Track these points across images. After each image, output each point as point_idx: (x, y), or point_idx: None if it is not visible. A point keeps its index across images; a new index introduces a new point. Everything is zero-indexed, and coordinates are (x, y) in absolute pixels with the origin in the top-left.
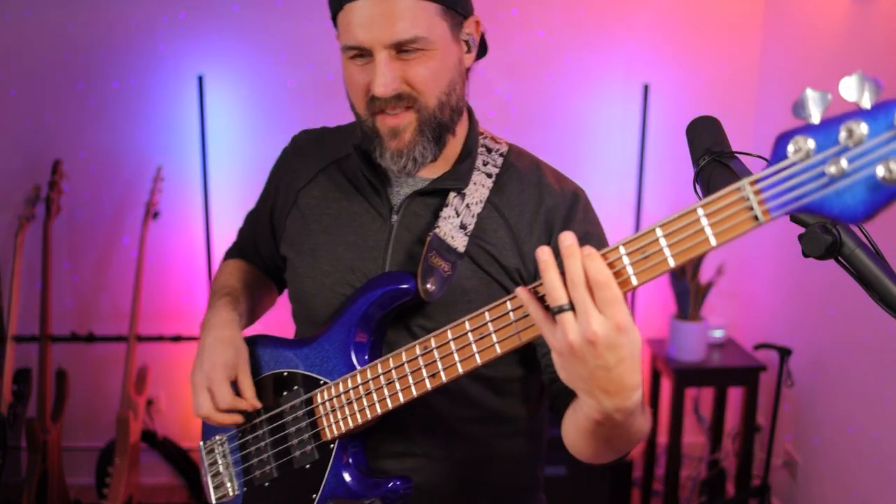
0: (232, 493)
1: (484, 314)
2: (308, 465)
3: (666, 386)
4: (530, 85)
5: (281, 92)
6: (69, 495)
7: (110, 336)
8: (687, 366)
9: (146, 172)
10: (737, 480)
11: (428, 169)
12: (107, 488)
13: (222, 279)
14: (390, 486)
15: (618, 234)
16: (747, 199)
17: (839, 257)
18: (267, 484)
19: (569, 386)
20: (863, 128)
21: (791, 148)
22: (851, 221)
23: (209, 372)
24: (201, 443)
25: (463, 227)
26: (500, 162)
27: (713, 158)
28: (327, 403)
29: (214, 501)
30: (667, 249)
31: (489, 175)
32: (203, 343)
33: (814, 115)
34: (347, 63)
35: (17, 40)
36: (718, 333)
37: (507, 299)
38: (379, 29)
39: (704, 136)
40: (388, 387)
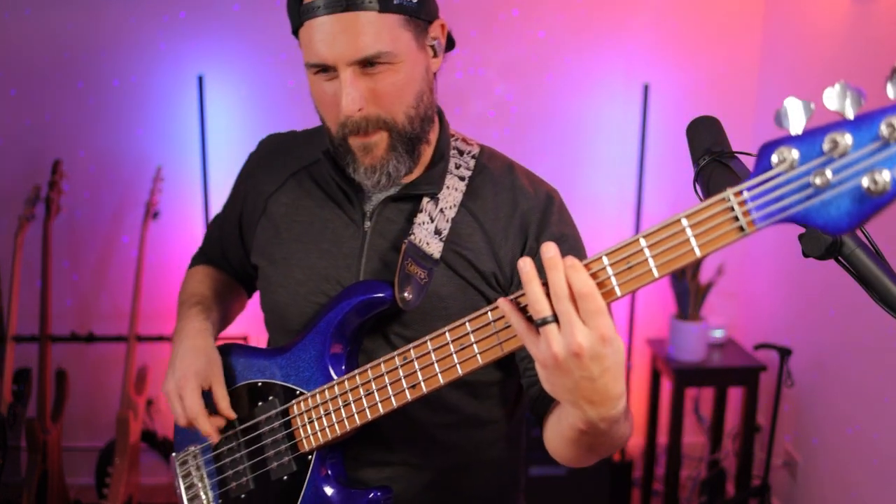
0: None
1: (465, 324)
2: (285, 477)
3: (666, 386)
4: (531, 85)
5: (281, 92)
6: (69, 495)
7: (110, 336)
8: (687, 366)
9: (146, 172)
10: (737, 480)
11: None
12: (107, 488)
13: (192, 287)
14: (370, 496)
15: (618, 235)
16: (732, 210)
17: (839, 257)
18: (243, 496)
19: (553, 397)
20: (847, 139)
21: (775, 158)
22: (836, 233)
23: (180, 381)
24: (174, 454)
25: (438, 232)
26: (472, 164)
27: (713, 158)
28: (304, 415)
29: None
30: (651, 260)
31: (462, 178)
32: (175, 352)
33: (795, 125)
34: (313, 78)
35: (18, 39)
36: (718, 333)
37: (489, 309)
38: (342, 46)
39: (704, 136)
40: (367, 398)
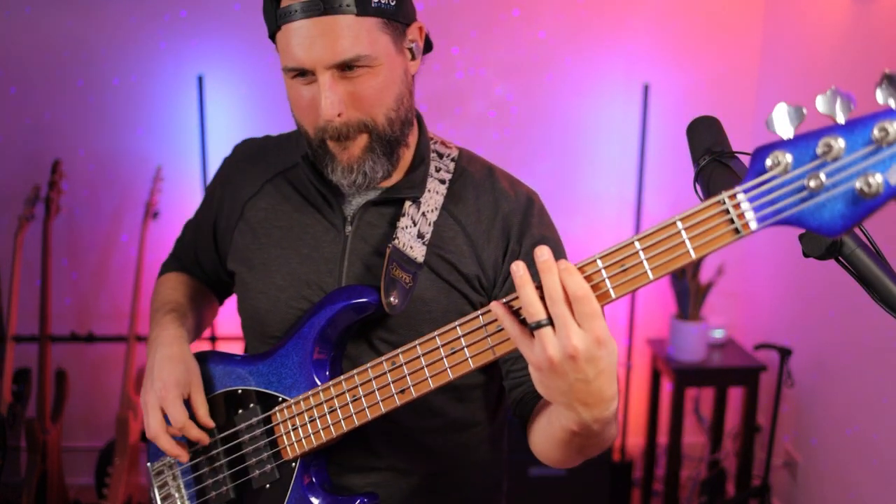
0: None
1: (455, 328)
2: (268, 486)
3: (666, 386)
4: (531, 85)
5: (281, 92)
6: (69, 495)
7: (110, 336)
8: (687, 366)
9: (146, 172)
10: (737, 481)
11: None
12: (106, 488)
13: (165, 294)
14: (357, 503)
15: (618, 235)
16: (728, 213)
17: (839, 257)
18: None
19: (547, 399)
20: (840, 142)
21: (769, 161)
22: (830, 234)
23: (161, 391)
24: (149, 464)
25: (420, 236)
26: (452, 167)
27: (713, 158)
28: (288, 421)
29: None
30: (646, 262)
31: (443, 181)
32: (152, 361)
33: (786, 131)
34: (290, 82)
35: (18, 37)
36: (718, 333)
37: (480, 313)
38: (320, 49)
39: (704, 136)
40: (354, 403)
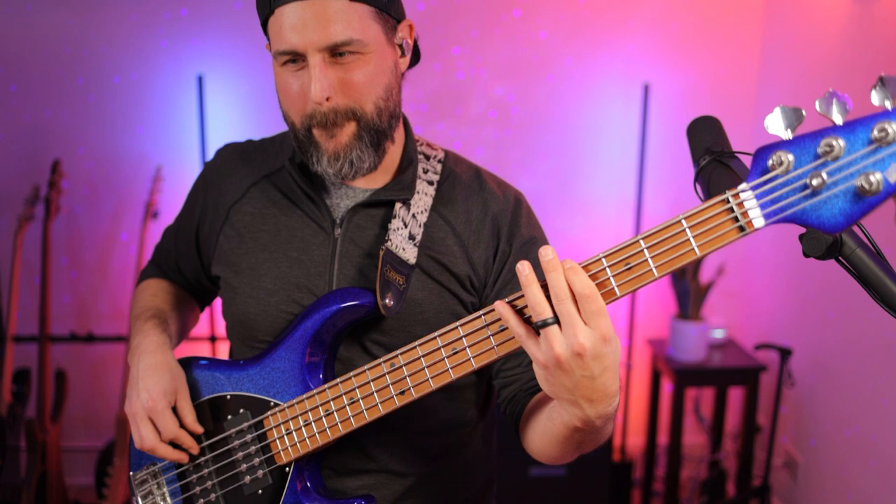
0: None
1: (457, 329)
2: (260, 491)
3: (666, 386)
4: (532, 86)
5: None
6: (68, 496)
7: (110, 336)
8: (687, 366)
9: (146, 171)
10: (737, 481)
11: (369, 180)
12: (106, 489)
13: (145, 301)
14: None
15: (618, 235)
16: (732, 211)
17: (840, 257)
18: None
19: (552, 396)
20: (841, 143)
21: (771, 161)
22: (832, 231)
23: (148, 402)
24: (131, 473)
25: (412, 237)
26: (439, 168)
27: (713, 158)
28: (281, 426)
29: None
30: (650, 260)
31: (431, 183)
32: (136, 370)
33: (787, 132)
34: (279, 70)
35: (18, 35)
36: (719, 333)
37: (483, 313)
38: (312, 31)
39: (705, 136)
40: (352, 406)
